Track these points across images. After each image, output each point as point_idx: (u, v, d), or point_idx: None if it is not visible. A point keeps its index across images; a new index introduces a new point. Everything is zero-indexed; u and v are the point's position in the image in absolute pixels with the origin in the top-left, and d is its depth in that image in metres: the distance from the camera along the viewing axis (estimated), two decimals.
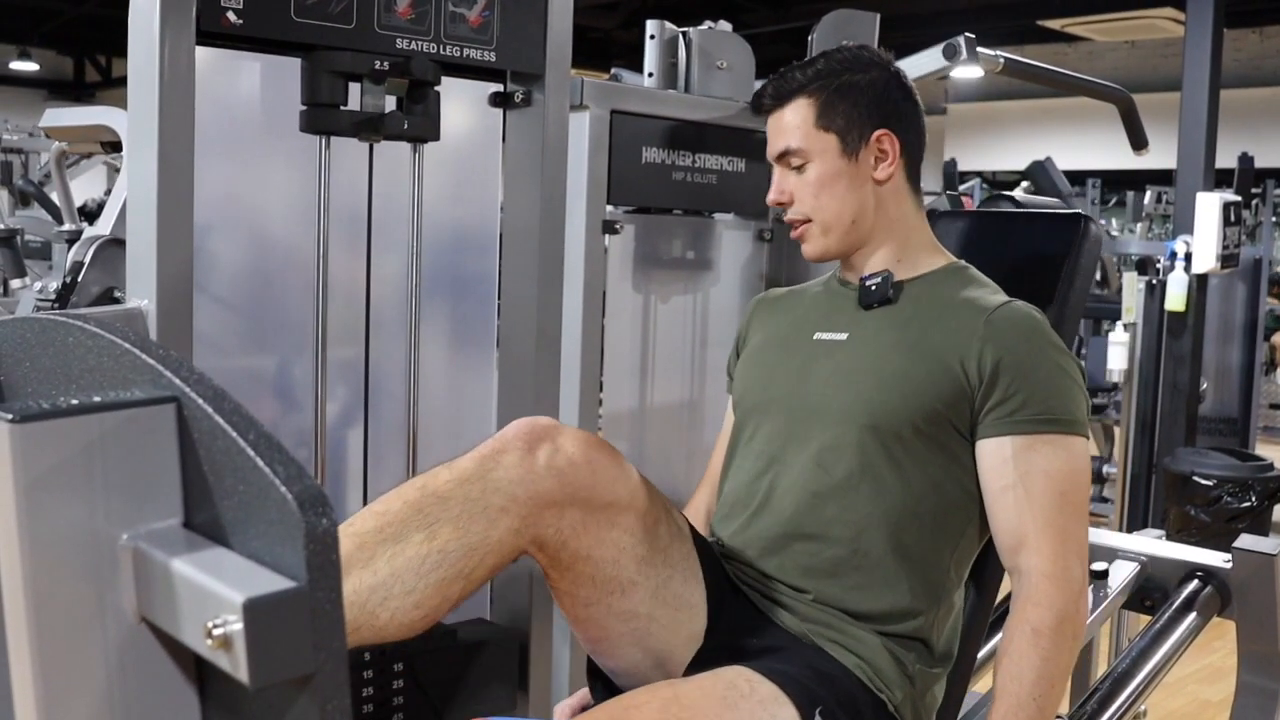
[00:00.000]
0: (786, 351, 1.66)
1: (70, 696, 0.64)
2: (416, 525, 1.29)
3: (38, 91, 16.09)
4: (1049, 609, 1.43)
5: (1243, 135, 8.56)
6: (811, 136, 1.60)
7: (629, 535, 1.40)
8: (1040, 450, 1.48)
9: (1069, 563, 1.46)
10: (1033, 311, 1.57)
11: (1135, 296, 4.88)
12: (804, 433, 1.57)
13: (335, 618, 0.60)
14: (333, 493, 1.87)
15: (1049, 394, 1.49)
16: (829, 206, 1.60)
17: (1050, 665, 1.42)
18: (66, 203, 4.68)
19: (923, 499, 1.51)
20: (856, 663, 1.47)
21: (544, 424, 1.38)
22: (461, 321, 2.01)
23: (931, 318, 1.57)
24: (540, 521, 1.33)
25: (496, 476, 1.32)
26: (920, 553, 1.51)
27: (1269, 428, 7.96)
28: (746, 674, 1.36)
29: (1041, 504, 1.47)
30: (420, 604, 1.28)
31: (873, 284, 1.62)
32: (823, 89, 1.60)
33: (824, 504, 1.52)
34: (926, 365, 1.52)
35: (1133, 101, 3.18)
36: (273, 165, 1.80)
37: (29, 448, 0.63)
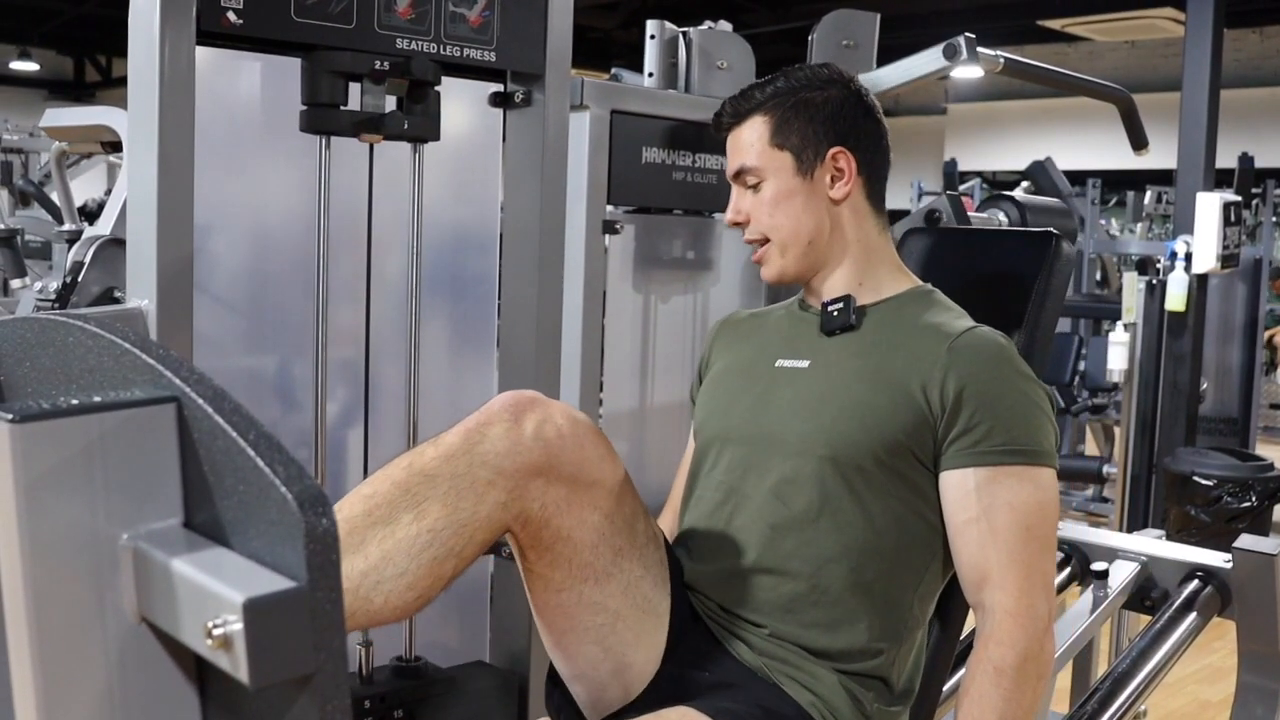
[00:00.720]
0: (748, 378, 1.62)
1: (70, 696, 0.64)
2: (405, 505, 1.27)
3: (38, 91, 16.09)
4: (1011, 648, 1.39)
5: (1243, 135, 8.56)
6: (766, 154, 1.57)
7: (609, 522, 1.38)
8: (1005, 483, 1.43)
9: (1034, 599, 1.41)
10: (998, 338, 1.52)
11: (1135, 296, 4.88)
12: (763, 463, 1.52)
13: (335, 618, 0.60)
14: (333, 493, 1.87)
15: (1014, 424, 1.44)
16: (784, 225, 1.57)
17: (1012, 705, 1.38)
18: (66, 203, 4.67)
19: (884, 533, 1.47)
20: (811, 700, 1.43)
21: (530, 395, 1.36)
22: (461, 321, 2.01)
23: (894, 344, 1.53)
24: (526, 494, 1.32)
25: (483, 450, 1.30)
26: (882, 589, 1.47)
27: (1269, 428, 7.97)
28: (691, 714, 1.34)
29: (1006, 538, 1.42)
30: (413, 585, 1.27)
31: (834, 309, 1.58)
32: (778, 107, 1.57)
33: (782, 538, 1.48)
34: (888, 394, 1.48)
35: (1133, 101, 3.18)
36: (273, 165, 1.80)
37: (29, 448, 0.63)
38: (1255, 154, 6.49)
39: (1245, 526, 4.38)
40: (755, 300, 2.45)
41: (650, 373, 2.33)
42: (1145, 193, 8.30)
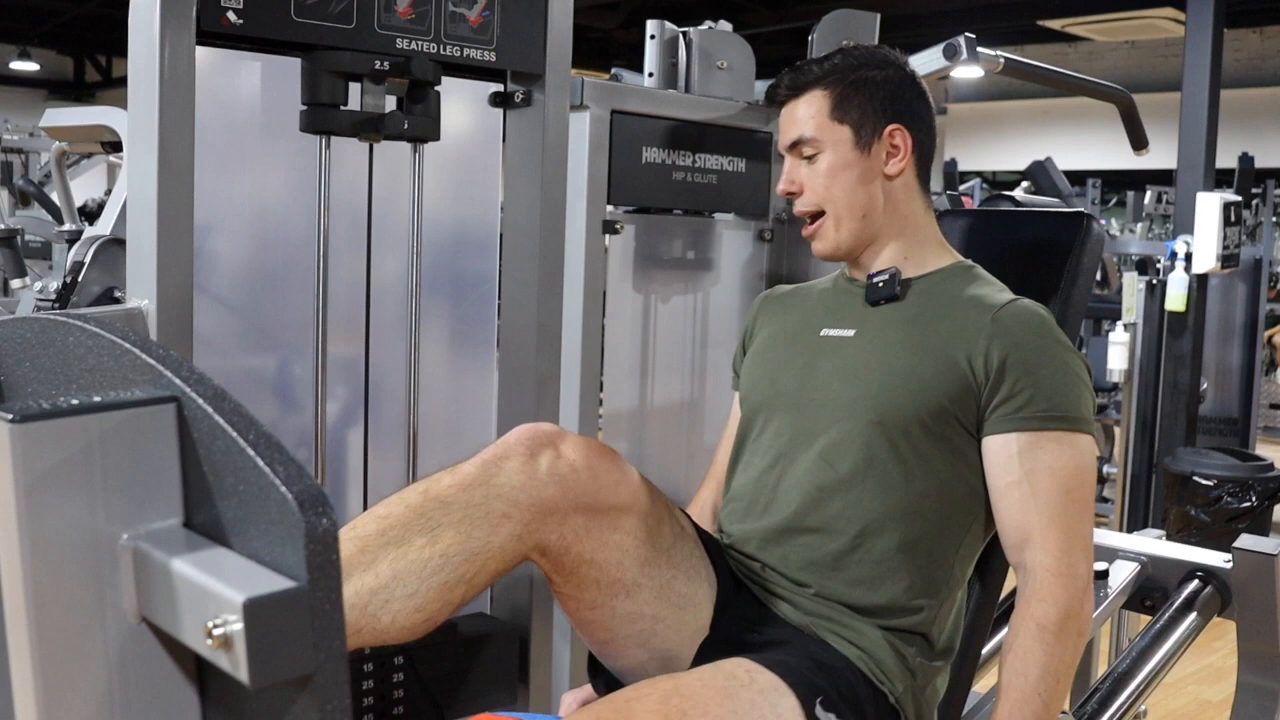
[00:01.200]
0: (793, 348, 1.67)
1: (70, 696, 0.64)
2: (419, 529, 1.29)
3: (38, 91, 16.10)
4: (1054, 605, 1.44)
5: (1243, 135, 8.56)
6: (825, 127, 1.61)
7: (632, 538, 1.40)
8: (1046, 447, 1.49)
9: (1074, 559, 1.47)
10: (1039, 309, 1.58)
11: (1135, 296, 4.88)
12: (811, 428, 1.58)
13: (335, 618, 0.60)
14: (333, 493, 1.87)
15: (1055, 391, 1.50)
16: (839, 197, 1.62)
17: (1055, 661, 1.43)
18: (66, 203, 4.67)
19: (928, 495, 1.52)
20: (858, 654, 1.47)
21: (546, 430, 1.39)
22: (461, 321, 2.01)
23: (938, 315, 1.58)
24: (543, 527, 1.34)
25: (499, 482, 1.32)
26: (924, 548, 1.52)
27: (1269, 428, 7.96)
28: (746, 664, 1.37)
29: (1047, 500, 1.48)
30: (422, 607, 1.28)
31: (880, 281, 1.63)
32: (838, 82, 1.62)
33: (829, 499, 1.53)
34: (933, 362, 1.53)
35: (1133, 101, 3.18)
36: (273, 165, 1.80)
37: (29, 448, 0.63)
38: (1255, 154, 6.49)
39: (1245, 526, 4.38)
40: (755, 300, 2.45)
41: (650, 373, 2.33)
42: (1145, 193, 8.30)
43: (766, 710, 1.32)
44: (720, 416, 2.45)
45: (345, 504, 1.86)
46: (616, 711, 1.27)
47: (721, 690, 1.32)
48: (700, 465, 2.42)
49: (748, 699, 1.32)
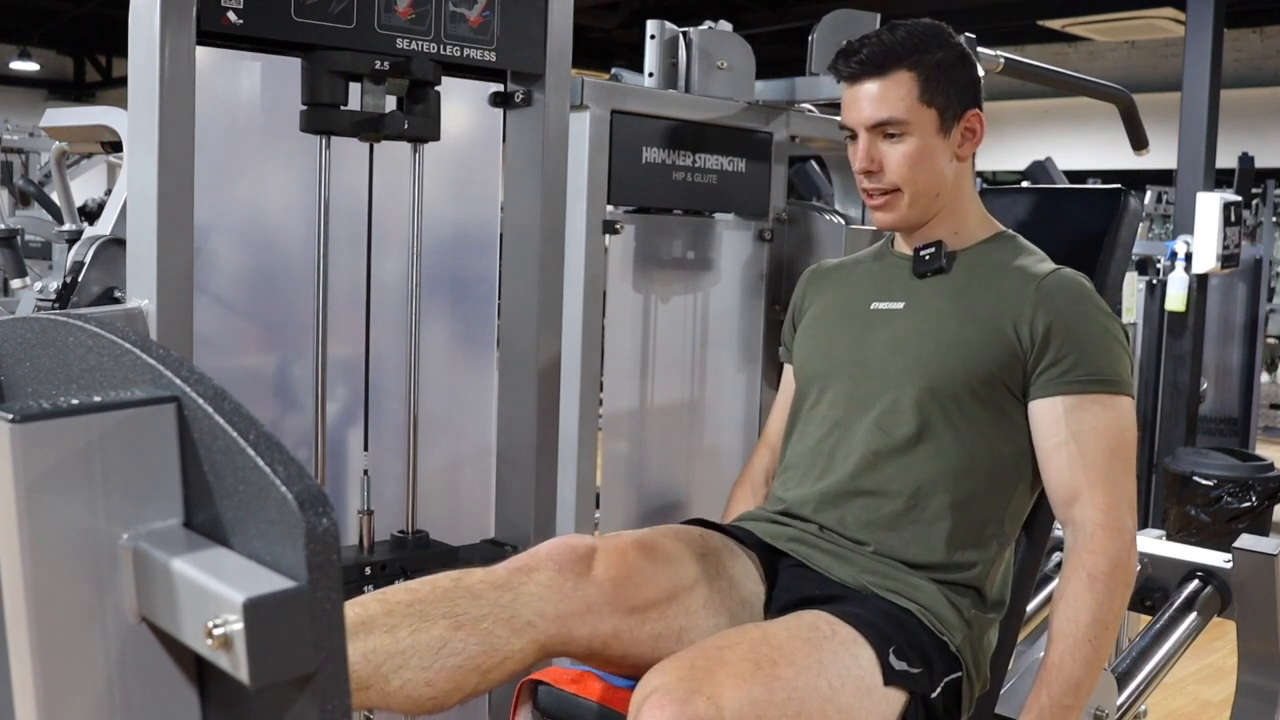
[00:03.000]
0: (845, 321, 1.73)
1: (70, 696, 0.64)
2: (444, 612, 1.33)
3: (38, 91, 16.09)
4: (1104, 556, 1.50)
5: (1243, 135, 8.56)
6: (915, 110, 1.63)
7: (664, 619, 1.46)
8: (1090, 409, 1.56)
9: (1121, 513, 1.53)
10: (1081, 278, 1.64)
11: (1135, 296, 4.88)
12: (865, 397, 1.64)
13: (335, 618, 0.60)
14: (333, 493, 1.87)
15: (1097, 356, 1.57)
16: (921, 179, 1.65)
17: (1105, 609, 1.49)
18: (66, 203, 4.67)
19: (978, 457, 1.59)
20: (918, 609, 1.53)
21: (578, 547, 1.43)
22: (461, 321, 2.01)
23: (984, 285, 1.64)
24: (570, 630, 1.39)
25: (526, 591, 1.37)
26: (975, 507, 1.59)
27: (1269, 428, 7.96)
28: (826, 617, 1.44)
29: (1093, 459, 1.54)
30: (432, 683, 1.31)
31: (926, 254, 1.69)
32: (923, 64, 1.63)
33: (884, 463, 1.60)
34: (981, 330, 1.60)
35: (1133, 101, 3.17)
36: (273, 165, 1.80)
37: (29, 448, 0.63)
38: (1255, 154, 6.48)
39: (1245, 526, 4.38)
40: (757, 300, 2.45)
41: (650, 373, 2.33)
42: (1145, 193, 8.30)
43: (849, 661, 1.39)
44: (721, 416, 2.46)
45: (345, 504, 1.86)
46: (709, 658, 1.30)
47: (806, 640, 1.38)
48: (701, 465, 2.42)
49: (831, 649, 1.38)
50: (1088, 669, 1.48)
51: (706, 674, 1.26)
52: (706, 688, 1.24)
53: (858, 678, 1.39)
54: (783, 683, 1.30)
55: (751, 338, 2.46)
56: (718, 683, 1.25)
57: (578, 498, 2.07)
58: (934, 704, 1.47)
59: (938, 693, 1.48)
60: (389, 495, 1.87)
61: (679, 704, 1.22)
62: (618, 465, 2.31)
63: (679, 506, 2.35)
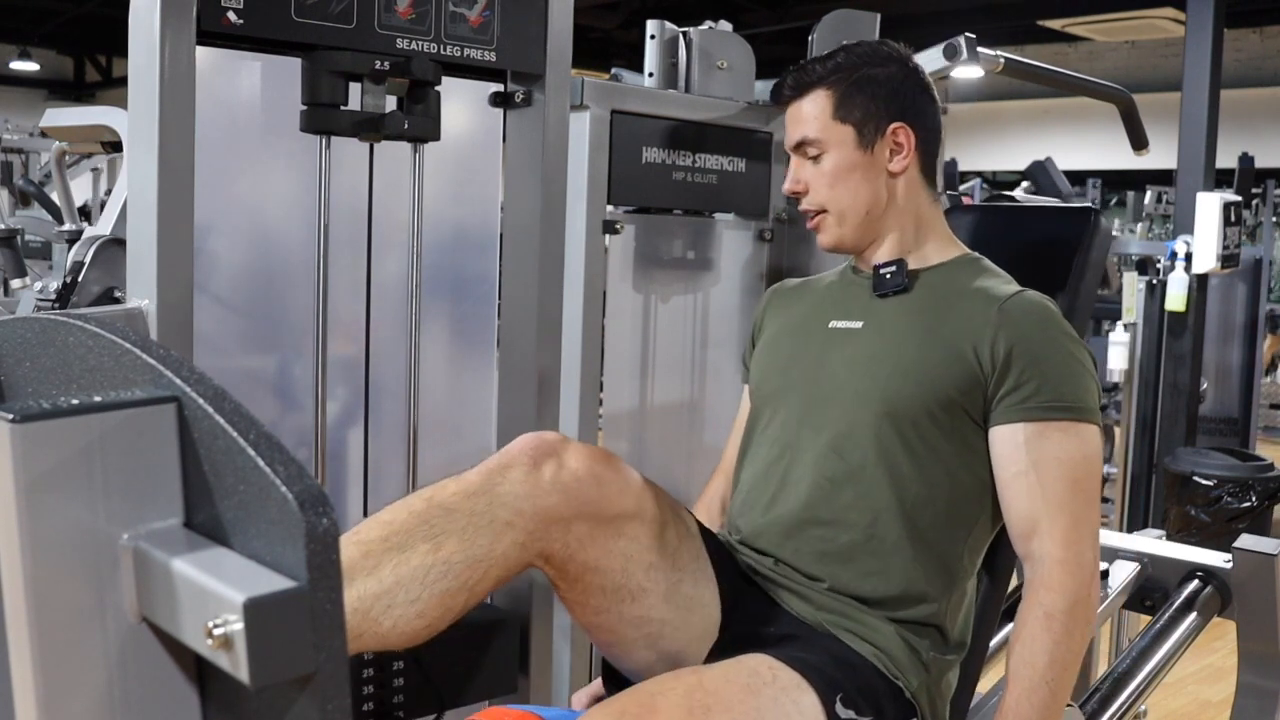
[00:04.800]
0: (802, 339, 1.69)
1: (70, 696, 0.64)
2: (422, 535, 1.30)
3: (38, 91, 16.09)
4: (1061, 594, 1.45)
5: (1243, 135, 8.56)
6: (829, 128, 1.62)
7: (636, 544, 1.41)
8: (1052, 437, 1.50)
9: (1081, 548, 1.47)
10: (1045, 300, 1.59)
11: (1135, 296, 4.88)
12: (820, 419, 1.59)
13: (335, 618, 0.60)
14: (333, 493, 1.87)
15: (1061, 381, 1.51)
16: (843, 197, 1.62)
17: (1062, 649, 1.43)
18: (66, 203, 4.67)
19: (937, 485, 1.53)
20: (873, 651, 1.48)
21: (550, 439, 1.40)
22: (461, 321, 2.01)
23: (945, 306, 1.59)
24: (546, 536, 1.35)
25: (502, 491, 1.33)
26: (934, 538, 1.53)
27: (1269, 428, 7.96)
28: (769, 661, 1.38)
29: (1054, 490, 1.48)
30: (423, 613, 1.29)
31: (887, 272, 1.64)
32: (841, 81, 1.62)
33: (840, 490, 1.54)
34: (941, 352, 1.54)
35: (1133, 101, 3.18)
36: (273, 165, 1.80)
37: (29, 448, 0.63)
38: (1255, 154, 6.49)
39: (1245, 526, 4.38)
40: (755, 300, 2.45)
41: (650, 373, 2.33)
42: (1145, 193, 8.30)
43: (789, 707, 1.33)
44: (721, 416, 2.45)
45: (345, 504, 1.86)
46: (640, 705, 1.27)
47: (744, 686, 1.32)
48: (701, 465, 2.42)
49: (770, 695, 1.33)
50: (1045, 713, 1.42)
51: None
52: None
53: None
54: None
55: None
56: None
57: None
58: None
59: None
60: (389, 495, 1.87)
61: None
62: None
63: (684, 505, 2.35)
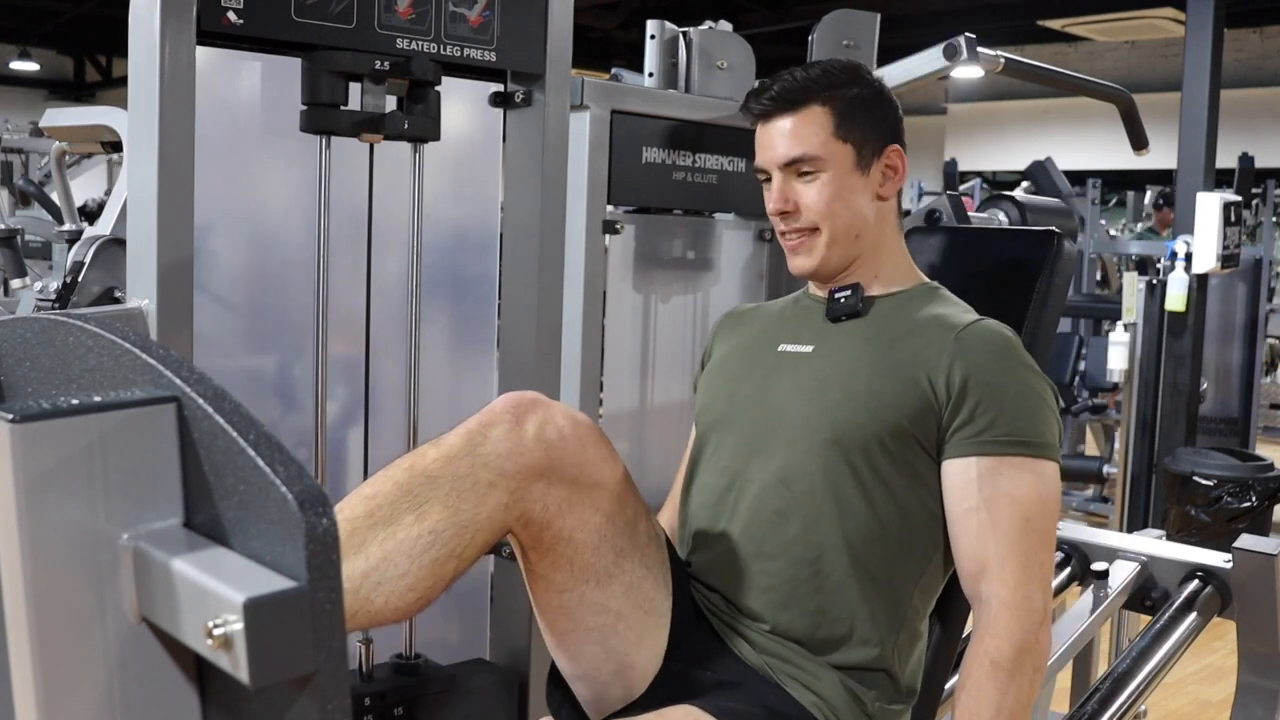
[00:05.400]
0: (749, 363, 1.62)
1: (70, 696, 0.64)
2: (406, 506, 1.28)
3: (38, 91, 16.09)
4: (1007, 640, 1.38)
5: (1243, 135, 8.56)
6: (829, 145, 1.54)
7: (610, 523, 1.38)
8: (1006, 473, 1.43)
9: (1030, 591, 1.40)
10: (1004, 330, 1.52)
11: (1135, 296, 4.88)
12: (767, 447, 1.52)
13: (335, 617, 0.60)
14: (333, 493, 1.87)
15: (1018, 415, 1.44)
16: (840, 217, 1.55)
17: (1009, 698, 1.37)
18: (66, 203, 4.67)
19: (887, 520, 1.46)
20: (814, 701, 1.43)
21: (531, 397, 1.37)
22: (461, 321, 2.01)
23: (900, 334, 1.53)
24: (528, 495, 1.32)
25: (485, 451, 1.31)
26: (883, 577, 1.47)
27: (1269, 428, 7.96)
28: (696, 713, 1.33)
29: (1005, 529, 1.41)
30: (414, 586, 1.27)
31: (841, 296, 1.58)
32: (838, 99, 1.56)
33: (786, 522, 1.48)
34: (894, 381, 1.48)
35: (1133, 101, 3.18)
36: (273, 165, 1.80)
37: (29, 448, 0.63)
38: (1255, 154, 6.48)
39: (1245, 526, 4.38)
40: (755, 300, 2.45)
41: (650, 373, 2.33)
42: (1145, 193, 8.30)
43: None
44: None
45: None
46: None
47: None
48: None
49: None
50: None
51: None
52: None
53: None
54: None
55: None
56: None
57: None
58: None
59: None
60: None
61: None
62: None
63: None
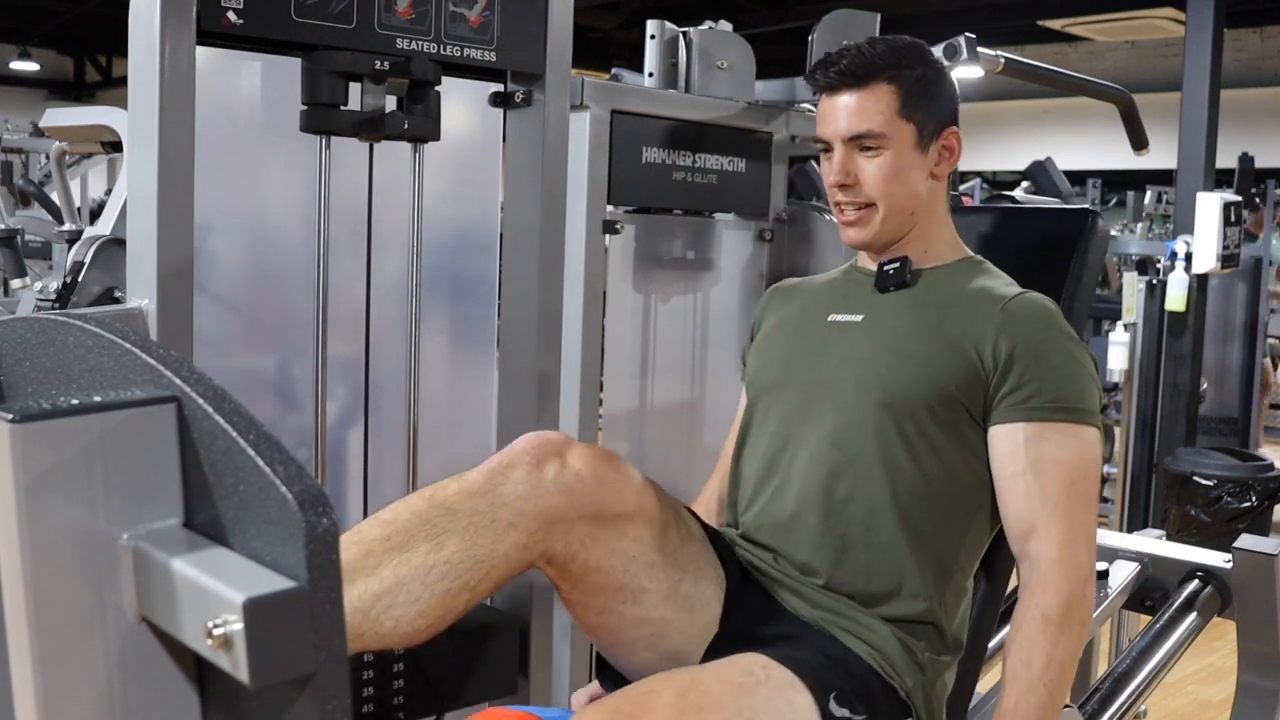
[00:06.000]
0: (801, 333, 1.68)
1: (70, 696, 0.64)
2: (423, 535, 1.30)
3: (38, 91, 16.09)
4: (1056, 595, 1.45)
5: (1243, 135, 8.55)
6: (894, 124, 1.58)
7: (638, 544, 1.41)
8: (1051, 438, 1.50)
9: (1077, 549, 1.48)
10: (1047, 302, 1.59)
11: (1135, 296, 4.88)
12: (819, 411, 1.58)
13: (335, 618, 0.60)
14: (333, 493, 1.87)
15: (1061, 383, 1.51)
16: (898, 194, 1.60)
17: (1059, 650, 1.44)
18: (66, 203, 4.67)
19: (935, 481, 1.53)
20: (868, 650, 1.48)
21: (552, 439, 1.39)
22: (461, 321, 2.01)
23: (947, 305, 1.59)
24: (549, 536, 1.35)
25: (504, 491, 1.33)
26: (931, 534, 1.53)
27: (1269, 428, 7.96)
28: (761, 660, 1.38)
29: (1051, 491, 1.48)
30: (424, 613, 1.29)
31: (890, 268, 1.64)
32: (904, 78, 1.59)
33: (837, 482, 1.54)
34: (942, 348, 1.54)
35: (1133, 101, 3.18)
36: (273, 165, 1.80)
37: (29, 448, 0.63)
38: (1255, 154, 6.48)
39: (1245, 526, 4.38)
40: (755, 300, 2.45)
41: (650, 373, 2.33)
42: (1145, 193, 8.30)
43: (782, 705, 1.34)
44: (721, 416, 2.45)
45: (345, 504, 1.86)
46: (633, 704, 1.27)
47: (737, 686, 1.32)
48: (700, 465, 2.42)
49: (763, 695, 1.33)
50: (1043, 714, 1.42)
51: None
52: None
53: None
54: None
55: None
56: None
57: None
58: None
59: None
60: (389, 495, 1.87)
61: None
62: None
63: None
